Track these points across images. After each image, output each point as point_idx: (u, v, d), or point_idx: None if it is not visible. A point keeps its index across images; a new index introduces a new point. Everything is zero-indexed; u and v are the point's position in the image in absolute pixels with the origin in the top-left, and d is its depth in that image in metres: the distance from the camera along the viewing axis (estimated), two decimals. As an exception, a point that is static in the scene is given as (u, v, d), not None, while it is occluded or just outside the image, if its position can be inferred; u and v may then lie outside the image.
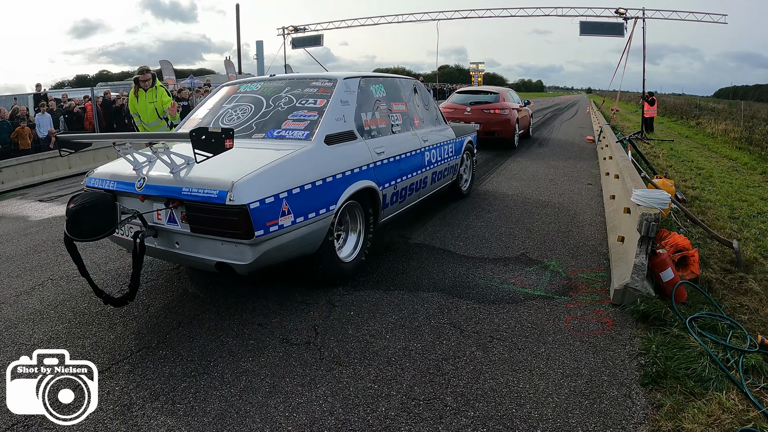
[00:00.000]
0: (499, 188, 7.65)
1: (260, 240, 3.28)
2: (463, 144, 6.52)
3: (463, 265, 4.52)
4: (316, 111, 4.16)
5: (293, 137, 3.97)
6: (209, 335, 3.40)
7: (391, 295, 3.96)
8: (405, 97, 5.25)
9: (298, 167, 3.62)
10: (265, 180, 3.35)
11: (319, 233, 3.78)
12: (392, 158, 4.63)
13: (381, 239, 5.24)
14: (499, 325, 3.46)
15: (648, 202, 3.86)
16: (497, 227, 5.59)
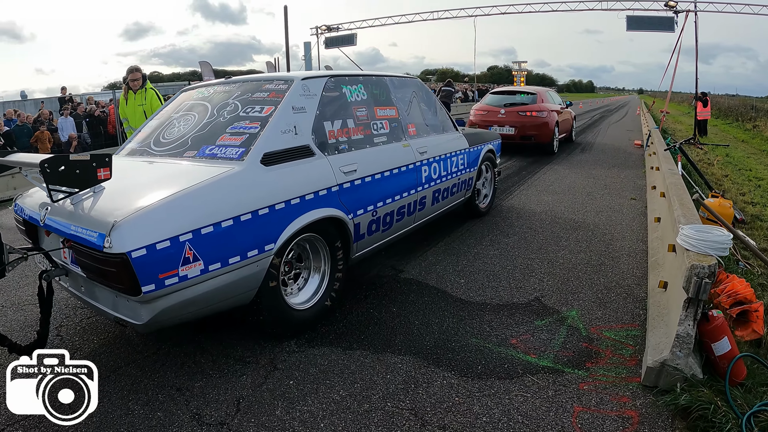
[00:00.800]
0: (526, 204, 6.57)
1: (152, 297, 2.48)
2: (480, 154, 5.49)
3: (457, 313, 3.56)
4: (259, 122, 3.28)
5: (225, 156, 3.12)
6: (118, 400, 2.69)
7: (349, 358, 3.06)
8: (397, 100, 4.30)
9: (213, 199, 2.76)
10: (158, 219, 2.53)
11: (251, 280, 2.94)
12: (368, 178, 3.70)
13: (367, 270, 4.36)
14: (478, 417, 2.50)
15: (700, 246, 2.80)
16: (513, 257, 4.56)
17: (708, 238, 2.79)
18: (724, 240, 2.78)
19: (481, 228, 5.46)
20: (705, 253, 2.73)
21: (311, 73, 3.71)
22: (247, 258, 2.86)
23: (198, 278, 2.64)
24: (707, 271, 2.58)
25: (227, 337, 3.35)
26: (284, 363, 3.03)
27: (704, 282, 2.53)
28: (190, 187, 2.76)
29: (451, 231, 5.35)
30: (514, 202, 6.65)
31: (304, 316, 3.35)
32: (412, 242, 4.98)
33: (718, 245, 2.75)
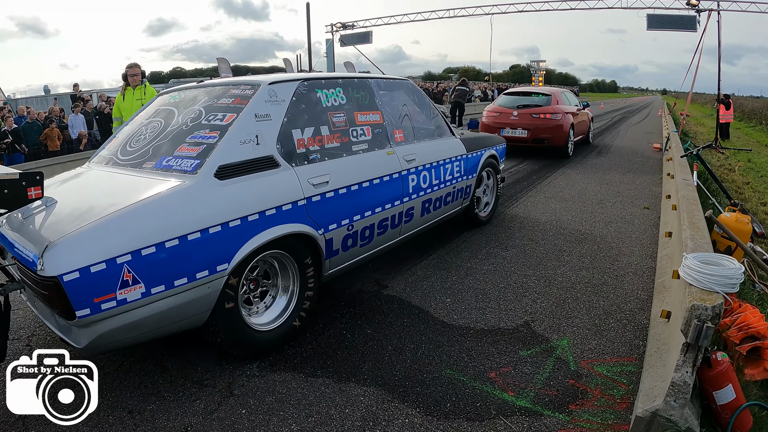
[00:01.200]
0: (531, 212, 6.18)
1: (88, 321, 2.31)
2: (480, 160, 5.14)
3: (436, 338, 3.25)
4: (218, 131, 3.02)
5: (179, 168, 2.89)
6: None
7: (310, 386, 2.80)
8: (383, 104, 3.98)
9: (157, 217, 2.54)
10: (94, 239, 2.35)
11: (202, 303, 2.70)
12: (343, 189, 3.41)
13: (349, 285, 4.09)
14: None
15: (705, 281, 2.44)
16: (508, 274, 4.21)
17: (715, 272, 2.42)
18: (733, 274, 2.41)
19: (479, 239, 5.12)
20: (710, 289, 2.38)
21: (280, 77, 3.42)
22: (196, 279, 2.63)
23: (139, 302, 2.43)
24: (710, 313, 2.22)
25: (190, 356, 3.13)
26: (241, 388, 2.80)
27: (706, 327, 2.17)
28: (131, 205, 2.56)
29: (446, 242, 5.02)
30: (519, 210, 6.28)
31: (268, 338, 3.10)
32: (402, 253, 4.68)
33: (726, 280, 2.38)
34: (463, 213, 5.27)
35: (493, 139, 5.68)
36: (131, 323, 2.46)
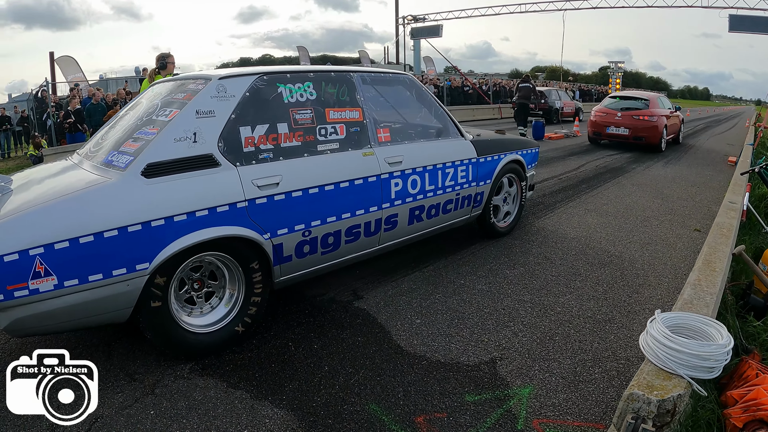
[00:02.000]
0: (562, 225, 5.51)
1: (3, 306, 2.40)
2: (498, 165, 4.64)
3: (380, 365, 2.92)
4: (159, 127, 2.92)
5: (116, 165, 2.84)
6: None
7: (226, 398, 2.64)
8: (365, 100, 3.63)
9: (74, 213, 2.53)
10: (9, 231, 2.43)
11: (121, 299, 2.64)
12: (297, 192, 3.14)
13: (323, 291, 3.86)
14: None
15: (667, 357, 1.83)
16: (501, 297, 3.76)
17: (683, 348, 1.79)
18: (712, 354, 1.79)
19: (488, 252, 4.65)
20: (670, 370, 1.79)
21: (235, 71, 3.20)
22: (112, 276, 2.57)
23: (52, 293, 2.46)
24: (654, 409, 1.66)
25: (140, 347, 3.08)
26: (163, 388, 2.72)
27: (642, 429, 1.64)
28: (53, 200, 2.61)
29: (449, 253, 4.61)
30: (549, 221, 5.64)
31: (204, 341, 2.96)
32: (393, 261, 4.36)
33: (698, 361, 1.77)
34: (478, 223, 4.85)
35: (517, 141, 5.10)
36: (45, 312, 2.50)
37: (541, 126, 14.14)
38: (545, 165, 9.46)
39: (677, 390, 1.69)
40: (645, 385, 1.74)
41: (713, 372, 1.80)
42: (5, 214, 2.54)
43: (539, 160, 9.88)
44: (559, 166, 9.48)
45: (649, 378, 1.78)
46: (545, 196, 6.82)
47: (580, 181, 7.94)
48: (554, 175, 8.35)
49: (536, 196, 6.79)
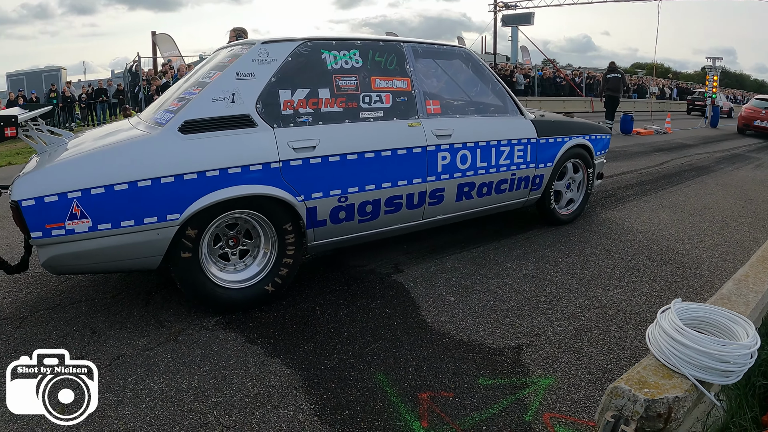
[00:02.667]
0: (630, 219, 5.03)
1: (42, 243, 2.59)
2: (561, 148, 4.31)
3: (399, 337, 2.81)
4: (200, 87, 3.00)
5: (160, 122, 2.94)
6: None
7: (240, 351, 2.67)
8: (415, 71, 3.47)
9: (111, 162, 2.68)
10: (50, 176, 2.62)
11: (151, 247, 2.74)
12: (335, 157, 3.09)
13: (364, 263, 3.81)
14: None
15: (671, 352, 1.54)
16: (545, 284, 3.50)
17: (693, 343, 1.46)
18: (726, 354, 1.46)
19: (546, 238, 4.35)
20: (673, 367, 1.50)
21: (279, 37, 3.19)
22: (143, 224, 2.67)
23: (85, 234, 2.60)
24: (639, 409, 1.38)
25: (175, 298, 3.21)
26: (186, 337, 2.81)
27: (622, 431, 1.39)
28: (93, 150, 2.78)
29: (503, 236, 4.36)
30: (617, 213, 5.16)
31: (234, 297, 3.01)
32: (443, 240, 4.23)
33: (708, 361, 1.45)
34: (537, 208, 4.59)
35: (586, 126, 4.68)
36: (79, 252, 2.65)
37: (630, 120, 13.21)
38: (627, 159, 8.80)
39: (675, 391, 1.40)
40: (636, 380, 1.46)
41: (730, 377, 1.48)
42: (52, 162, 2.72)
43: (621, 154, 9.30)
44: (642, 160, 8.78)
45: (645, 373, 1.51)
46: (619, 188, 6.31)
47: (661, 177, 7.28)
48: (634, 169, 7.73)
49: (610, 188, 6.31)
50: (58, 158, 2.77)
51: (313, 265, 3.79)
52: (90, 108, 16.36)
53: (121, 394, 2.35)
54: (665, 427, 1.35)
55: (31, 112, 3.22)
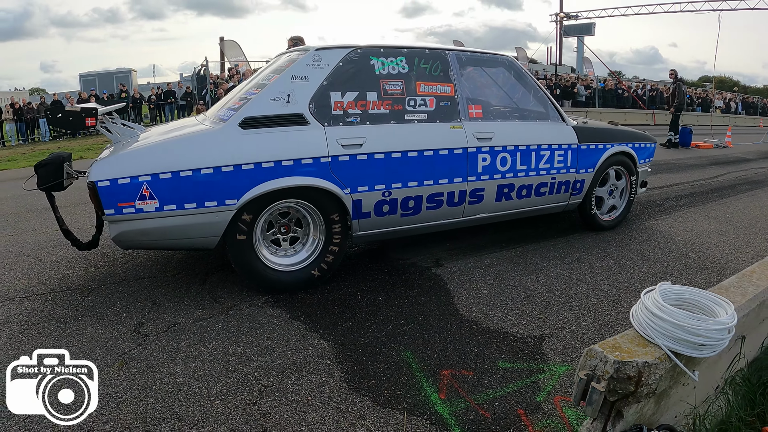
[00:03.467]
0: (673, 227, 4.93)
1: (114, 219, 2.93)
2: (602, 155, 4.32)
3: (430, 322, 2.97)
4: (260, 88, 3.31)
5: (223, 118, 3.26)
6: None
7: (284, 325, 2.93)
8: (459, 77, 3.63)
9: (176, 152, 3.03)
10: (124, 161, 2.98)
11: (210, 228, 3.04)
12: (380, 155, 3.30)
13: (407, 256, 4.00)
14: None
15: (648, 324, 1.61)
16: (577, 283, 3.54)
17: (669, 317, 1.54)
18: (699, 329, 1.51)
19: (586, 242, 4.37)
20: (648, 337, 1.58)
21: (331, 44, 3.44)
22: (204, 207, 2.97)
23: (152, 213, 2.92)
24: (609, 370, 1.46)
25: (231, 279, 3.51)
26: (237, 311, 3.09)
27: (592, 388, 1.49)
28: (162, 140, 3.14)
29: (543, 238, 4.42)
30: (661, 222, 5.06)
31: (282, 279, 3.27)
32: (489, 238, 4.36)
33: (682, 334, 1.51)
34: (579, 212, 4.64)
35: (630, 134, 4.65)
36: (145, 229, 2.97)
37: (689, 132, 12.74)
38: (681, 171, 8.54)
39: (646, 357, 1.48)
40: (610, 345, 1.55)
41: (703, 351, 1.52)
42: (126, 149, 3.09)
43: (676, 166, 9.04)
44: (695, 173, 8.49)
45: (621, 341, 1.59)
46: (668, 199, 6.18)
47: (712, 190, 7.04)
48: (686, 181, 7.52)
49: (658, 198, 6.19)
50: (131, 147, 3.13)
51: (358, 256, 4.01)
52: (159, 109, 17.32)
53: (174, 355, 2.63)
54: (636, 390, 1.44)
55: (108, 106, 3.62)
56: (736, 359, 1.95)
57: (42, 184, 3.39)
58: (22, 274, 3.72)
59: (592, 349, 1.53)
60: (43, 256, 4.12)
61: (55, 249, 4.26)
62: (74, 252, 3.95)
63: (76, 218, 5.09)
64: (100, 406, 2.27)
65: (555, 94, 19.77)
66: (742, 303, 1.83)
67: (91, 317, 3.04)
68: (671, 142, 12.22)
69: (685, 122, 13.63)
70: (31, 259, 4.04)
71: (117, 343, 2.75)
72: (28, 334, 2.85)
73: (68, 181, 3.46)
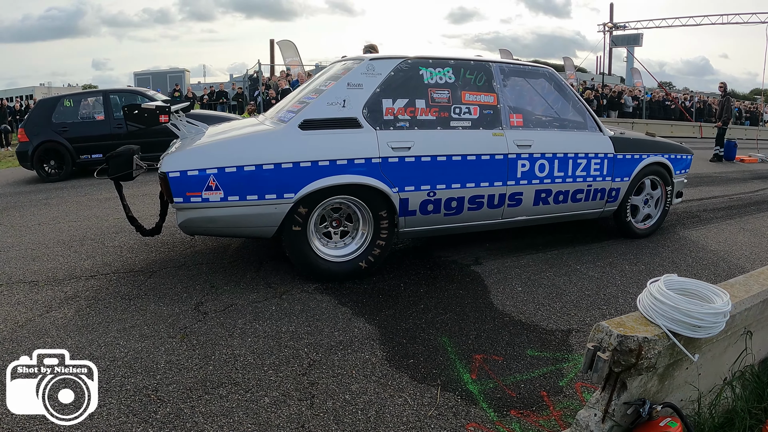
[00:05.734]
0: (706, 238, 4.89)
1: (182, 207, 3.22)
2: (638, 165, 4.36)
3: (467, 312, 3.16)
4: (317, 94, 3.57)
5: (283, 119, 3.54)
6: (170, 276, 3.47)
7: (332, 309, 3.20)
8: (501, 88, 3.81)
9: (241, 148, 3.31)
10: (193, 155, 3.28)
11: (269, 218, 3.31)
12: (426, 157, 3.51)
13: (448, 254, 4.18)
14: (356, 397, 2.35)
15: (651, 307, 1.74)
16: (607, 285, 3.62)
17: (670, 301, 1.69)
18: (697, 312, 1.65)
19: (619, 248, 4.41)
20: (650, 318, 1.73)
21: (384, 55, 3.68)
22: (264, 199, 3.24)
23: (217, 203, 3.20)
24: (613, 342, 1.62)
25: (283, 267, 3.77)
26: (289, 296, 3.35)
27: (597, 356, 1.65)
28: (228, 137, 3.44)
29: (579, 243, 4.50)
30: (695, 233, 5.04)
31: (332, 269, 3.51)
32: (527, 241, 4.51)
33: (681, 316, 1.65)
34: (614, 220, 4.73)
35: (666, 145, 4.69)
36: (210, 217, 3.27)
37: (733, 146, 12.41)
38: (722, 184, 8.36)
39: (646, 333, 1.64)
40: (616, 323, 1.71)
41: (698, 332, 1.67)
42: (195, 144, 3.38)
43: (717, 179, 8.86)
44: (736, 186, 8.30)
45: (626, 320, 1.75)
46: (705, 211, 6.13)
47: (751, 203, 6.90)
48: (726, 194, 7.39)
49: (696, 210, 6.14)
50: (199, 142, 3.42)
51: (403, 253, 4.23)
52: (210, 108, 17.82)
53: (231, 330, 2.89)
54: (637, 362, 1.60)
55: (177, 105, 3.93)
56: (743, 354, 2.07)
57: (112, 174, 3.70)
58: (87, 256, 4.10)
59: (599, 325, 1.69)
60: (106, 240, 4.51)
61: (118, 235, 4.66)
62: (136, 238, 4.30)
63: (137, 208, 5.46)
64: (165, 369, 2.50)
65: (601, 105, 19.51)
66: (744, 298, 1.96)
67: (153, 296, 3.33)
68: (717, 156, 11.95)
69: (732, 135, 13.27)
70: (95, 243, 4.44)
71: (178, 318, 3.02)
72: (95, 308, 3.16)
73: (137, 171, 3.77)
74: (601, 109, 19.42)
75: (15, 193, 7.24)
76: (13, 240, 4.64)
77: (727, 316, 1.70)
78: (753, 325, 2.12)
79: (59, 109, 8.64)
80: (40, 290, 3.44)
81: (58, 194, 7.01)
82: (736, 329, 2.03)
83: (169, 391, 2.35)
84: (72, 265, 3.90)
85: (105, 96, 8.80)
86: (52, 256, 4.15)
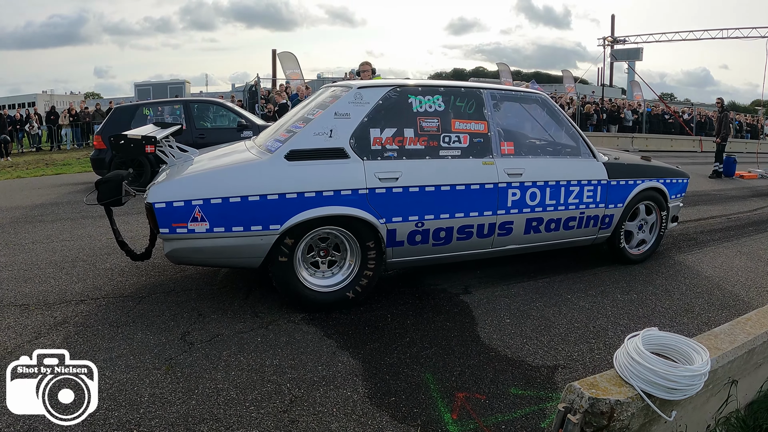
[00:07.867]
0: (702, 263, 4.86)
1: (168, 237, 3.22)
2: (632, 191, 4.35)
3: (452, 347, 3.14)
4: (305, 123, 3.56)
5: (270, 149, 3.53)
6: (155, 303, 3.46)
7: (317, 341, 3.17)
8: (492, 115, 3.81)
9: (226, 179, 3.31)
10: (179, 186, 3.29)
11: (255, 249, 3.31)
12: (414, 188, 3.50)
13: (436, 284, 4.15)
14: None
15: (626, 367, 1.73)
16: (597, 316, 3.60)
17: (645, 362, 1.66)
18: (672, 375, 1.63)
19: (612, 276, 4.39)
20: (624, 378, 1.70)
21: (372, 83, 3.67)
22: (250, 230, 3.24)
23: (203, 234, 3.20)
24: (584, 404, 1.60)
25: (271, 296, 3.75)
26: (275, 326, 3.34)
27: (567, 419, 1.62)
28: (214, 167, 3.45)
29: (570, 270, 4.47)
30: (691, 257, 5.00)
31: (319, 298, 3.50)
32: (511, 269, 4.48)
33: (654, 378, 1.63)
34: (608, 246, 4.70)
35: (661, 169, 4.67)
36: (196, 248, 3.27)
37: (733, 162, 12.36)
38: (720, 202, 8.32)
39: (619, 396, 1.61)
40: (588, 383, 1.68)
41: (674, 395, 1.64)
42: (181, 175, 3.38)
43: (716, 197, 8.82)
44: (735, 205, 8.25)
45: (600, 380, 1.72)
46: (702, 233, 6.09)
47: (750, 223, 6.85)
48: (724, 214, 7.35)
49: (692, 232, 6.10)
50: (186, 171, 3.43)
51: (392, 280, 4.22)
52: None
53: (216, 363, 2.88)
54: (609, 424, 1.58)
55: (164, 131, 3.95)
56: (726, 402, 2.04)
57: (102, 200, 3.73)
58: (78, 279, 4.12)
59: (571, 386, 1.68)
60: (97, 263, 4.53)
61: (109, 257, 4.67)
62: (127, 261, 4.31)
63: (130, 227, 5.53)
64: (149, 403, 2.49)
65: (601, 119, 19.48)
66: (729, 350, 1.93)
67: (141, 323, 3.33)
68: (716, 173, 11.91)
69: (732, 149, 13.20)
70: (87, 265, 4.46)
71: (165, 348, 3.02)
72: (83, 335, 3.16)
73: (126, 198, 3.79)
74: (601, 123, 19.41)
75: (12, 208, 7.25)
76: (7, 259, 4.65)
77: (706, 377, 1.69)
78: (738, 374, 2.10)
79: (138, 117, 8.74)
80: (30, 314, 3.45)
81: (52, 210, 7.03)
82: (718, 381, 2.01)
83: (152, 426, 2.34)
84: (63, 289, 3.92)
85: (185, 105, 9.04)
86: (44, 277, 4.16)
